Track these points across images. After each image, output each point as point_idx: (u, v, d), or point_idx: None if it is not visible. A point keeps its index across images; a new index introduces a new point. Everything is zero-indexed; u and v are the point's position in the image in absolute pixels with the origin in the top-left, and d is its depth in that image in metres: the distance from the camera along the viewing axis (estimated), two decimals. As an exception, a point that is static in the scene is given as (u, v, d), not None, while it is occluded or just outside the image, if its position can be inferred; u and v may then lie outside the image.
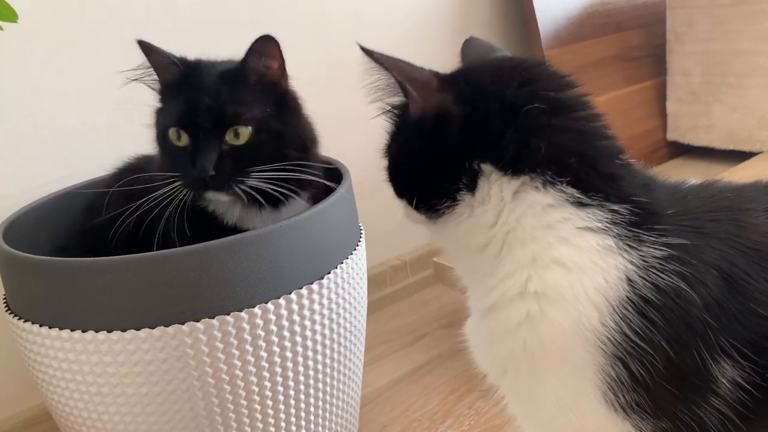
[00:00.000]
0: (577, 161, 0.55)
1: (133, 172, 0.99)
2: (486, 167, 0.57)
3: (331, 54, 1.39)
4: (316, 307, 0.86)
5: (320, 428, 0.93)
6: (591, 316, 0.53)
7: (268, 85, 0.90)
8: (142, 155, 1.03)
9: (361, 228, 1.00)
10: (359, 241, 0.97)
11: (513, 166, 0.56)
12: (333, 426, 0.96)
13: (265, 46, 0.88)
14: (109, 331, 0.77)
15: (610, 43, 1.74)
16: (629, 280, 0.53)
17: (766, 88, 1.63)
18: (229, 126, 0.86)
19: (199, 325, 0.77)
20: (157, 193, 0.88)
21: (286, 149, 0.89)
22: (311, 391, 0.89)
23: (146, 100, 0.94)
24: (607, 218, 0.55)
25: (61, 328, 0.79)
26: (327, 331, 0.88)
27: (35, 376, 0.87)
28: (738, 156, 1.70)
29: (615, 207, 0.55)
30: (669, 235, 0.55)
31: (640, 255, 0.54)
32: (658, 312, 0.53)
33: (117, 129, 1.16)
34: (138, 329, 0.77)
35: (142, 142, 0.96)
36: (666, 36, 1.77)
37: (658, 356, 0.53)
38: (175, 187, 0.87)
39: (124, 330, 0.77)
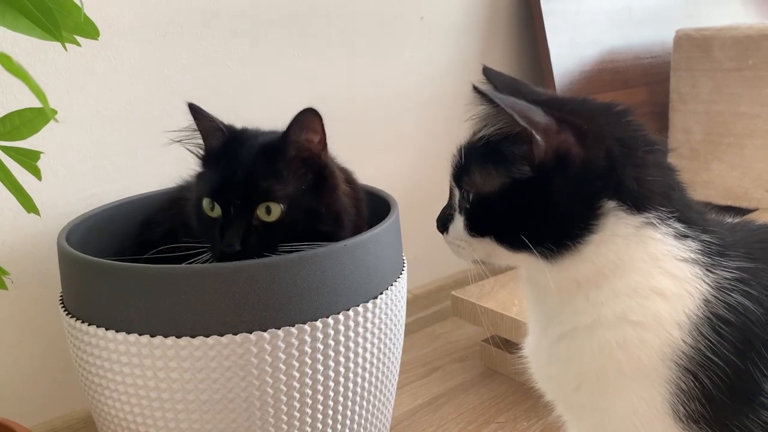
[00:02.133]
0: (677, 197, 0.62)
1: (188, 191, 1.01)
2: (610, 204, 0.60)
3: (366, 81, 1.46)
4: (369, 325, 0.89)
5: (360, 446, 0.96)
6: (675, 335, 0.59)
7: (307, 159, 0.91)
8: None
9: (404, 257, 1.05)
10: (403, 268, 1.01)
11: (637, 204, 0.60)
12: (369, 445, 0.99)
13: (308, 120, 0.89)
14: (178, 337, 0.80)
15: (617, 98, 1.83)
16: (706, 300, 0.59)
17: (763, 149, 1.73)
18: (260, 202, 0.86)
19: (265, 334, 0.80)
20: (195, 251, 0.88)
21: (318, 225, 0.90)
22: (356, 408, 0.92)
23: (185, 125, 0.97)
24: (698, 249, 0.61)
25: (128, 332, 0.81)
26: (375, 350, 0.92)
27: (88, 380, 0.89)
28: (734, 212, 1.77)
29: (704, 237, 0.61)
30: (735, 260, 0.62)
31: (715, 278, 0.60)
32: (728, 327, 0.59)
33: (159, 149, 1.19)
34: (207, 336, 0.80)
35: (182, 163, 0.99)
36: (669, 95, 1.87)
37: (727, 369, 0.58)
38: (206, 256, 0.88)
39: (193, 336, 0.80)
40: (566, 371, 0.65)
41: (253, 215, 0.86)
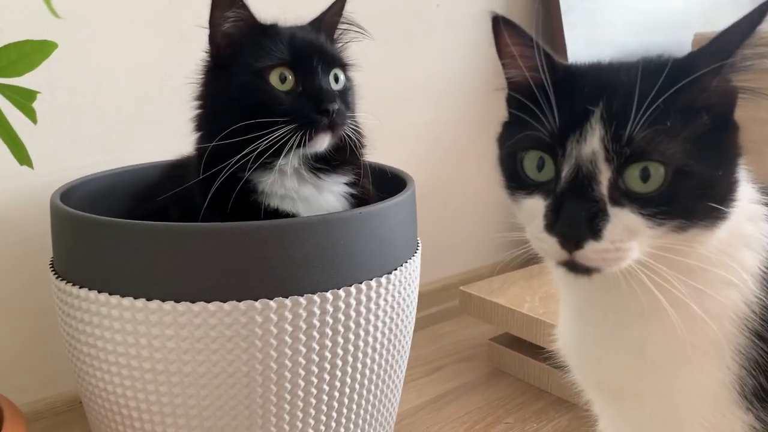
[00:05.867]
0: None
1: (183, 168, 0.96)
2: None
3: (378, 67, 1.40)
4: (381, 302, 0.83)
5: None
6: (751, 300, 0.56)
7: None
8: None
9: (418, 239, 0.99)
10: (417, 248, 0.96)
11: None
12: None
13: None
14: (177, 302, 0.74)
15: (632, 100, 1.79)
16: None
17: (781, 156, 1.69)
18: (336, 66, 0.88)
19: (272, 303, 0.74)
20: (269, 137, 0.79)
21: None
22: (363, 392, 0.86)
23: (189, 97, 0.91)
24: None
25: (122, 296, 0.75)
26: (386, 330, 0.86)
27: (76, 350, 0.82)
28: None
29: None
30: None
31: None
32: None
33: (158, 121, 1.14)
34: (208, 302, 0.73)
35: (178, 137, 0.94)
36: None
37: None
38: (285, 132, 0.80)
39: (193, 301, 0.73)
40: (632, 359, 0.58)
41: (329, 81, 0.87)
